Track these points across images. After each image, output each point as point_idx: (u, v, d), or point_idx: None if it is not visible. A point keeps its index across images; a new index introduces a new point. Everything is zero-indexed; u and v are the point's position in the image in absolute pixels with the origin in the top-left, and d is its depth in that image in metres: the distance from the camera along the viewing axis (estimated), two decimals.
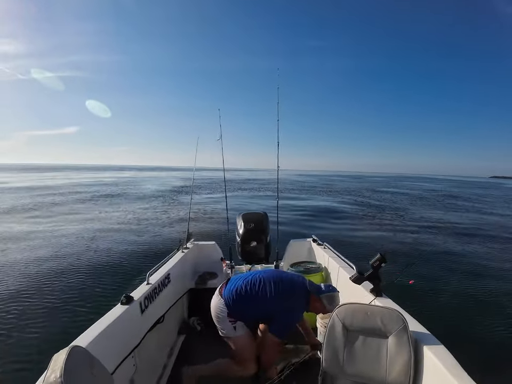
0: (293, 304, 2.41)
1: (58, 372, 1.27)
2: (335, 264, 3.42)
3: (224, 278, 3.97)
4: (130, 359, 2.26)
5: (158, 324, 2.78)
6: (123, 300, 2.34)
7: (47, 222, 12.75)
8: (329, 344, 1.93)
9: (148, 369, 2.63)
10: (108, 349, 1.92)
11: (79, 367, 1.41)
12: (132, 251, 8.77)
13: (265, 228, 4.29)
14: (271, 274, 2.52)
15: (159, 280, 2.93)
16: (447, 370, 1.46)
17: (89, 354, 1.57)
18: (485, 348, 3.99)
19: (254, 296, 2.38)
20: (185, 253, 3.91)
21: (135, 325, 2.38)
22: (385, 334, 1.81)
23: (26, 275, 6.98)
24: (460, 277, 6.77)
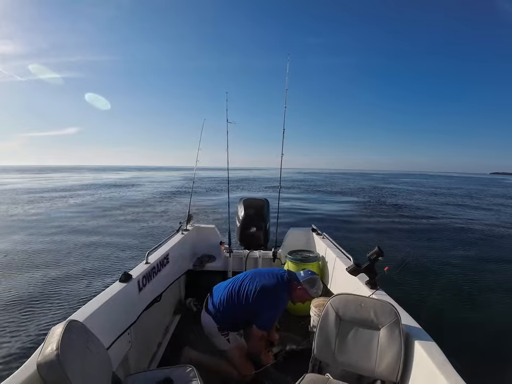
0: (275, 298, 2.43)
1: (55, 344, 1.29)
2: (332, 255, 3.43)
3: (223, 262, 4.01)
4: (126, 336, 2.30)
5: (155, 303, 2.82)
6: (122, 278, 2.36)
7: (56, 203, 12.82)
8: (322, 332, 1.95)
9: (143, 347, 2.68)
10: (105, 324, 1.95)
11: (75, 340, 1.44)
12: (133, 231, 8.85)
13: (266, 214, 4.30)
14: (250, 276, 2.55)
15: (158, 260, 2.95)
16: (436, 366, 1.47)
17: (86, 329, 1.60)
18: (475, 345, 4.04)
19: (238, 303, 2.41)
20: (185, 235, 3.93)
21: (132, 303, 2.41)
22: (377, 326, 1.83)
23: (28, 249, 7.08)
24: (456, 274, 6.80)
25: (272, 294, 2.43)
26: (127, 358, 2.36)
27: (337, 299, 2.00)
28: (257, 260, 4.03)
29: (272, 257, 4.09)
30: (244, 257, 4.00)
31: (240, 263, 4.01)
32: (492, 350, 3.99)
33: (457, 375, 1.41)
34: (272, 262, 4.11)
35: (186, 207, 7.11)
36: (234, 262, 4.00)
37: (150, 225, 10.47)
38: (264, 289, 2.42)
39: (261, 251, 4.11)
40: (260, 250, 4.11)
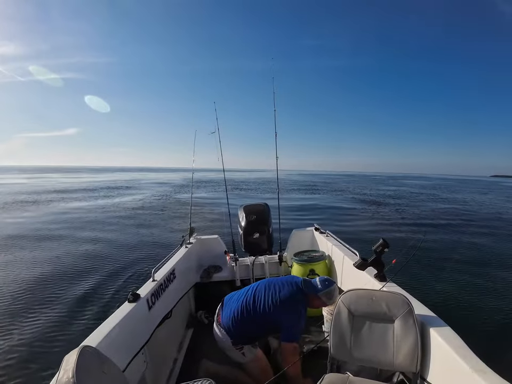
0: (294, 309, 2.34)
1: (71, 372, 1.28)
2: (338, 252, 3.43)
3: (230, 271, 4.00)
4: (141, 356, 2.28)
5: (166, 320, 2.80)
6: (130, 298, 2.35)
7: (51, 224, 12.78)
8: (336, 330, 1.95)
9: (159, 364, 2.67)
10: (118, 347, 1.94)
11: (90, 366, 1.43)
12: (136, 249, 8.81)
13: (267, 218, 4.30)
14: (263, 287, 2.46)
15: (165, 276, 2.95)
16: (454, 351, 1.47)
17: (100, 353, 1.59)
18: (491, 328, 4.02)
19: (252, 316, 2.32)
20: (188, 248, 3.93)
21: (144, 322, 2.40)
22: (391, 318, 1.82)
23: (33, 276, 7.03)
24: (465, 260, 6.81)
25: (291, 305, 2.34)
26: (144, 378, 2.34)
27: (348, 295, 2.00)
28: (264, 265, 4.02)
29: (278, 261, 4.08)
30: (250, 264, 3.99)
31: (247, 270, 4.00)
32: (508, 331, 3.98)
33: (476, 357, 1.41)
34: (279, 266, 4.10)
35: (188, 204, 7.07)
36: (241, 270, 3.99)
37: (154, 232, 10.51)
38: (282, 300, 2.33)
39: (267, 256, 4.09)
40: (265, 256, 4.09)
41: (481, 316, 4.34)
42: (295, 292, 2.40)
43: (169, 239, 9.72)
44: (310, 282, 2.49)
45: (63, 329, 4.59)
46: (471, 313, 4.38)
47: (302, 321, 2.38)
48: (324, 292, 2.40)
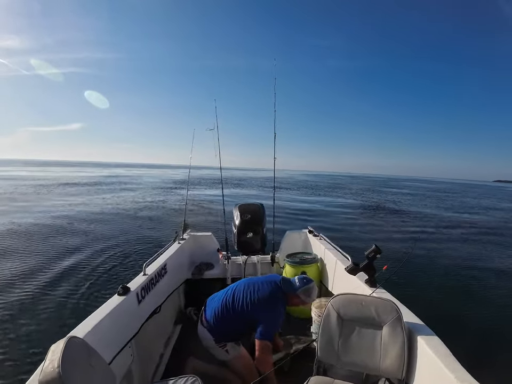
0: (272, 308, 2.38)
1: (56, 362, 1.27)
2: (330, 255, 3.44)
3: (221, 269, 4.00)
4: (128, 349, 2.27)
5: (154, 314, 2.79)
6: (120, 291, 2.34)
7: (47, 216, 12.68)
8: (324, 333, 1.95)
9: (146, 359, 2.66)
10: (105, 339, 1.93)
11: (76, 357, 1.42)
12: (129, 242, 8.77)
13: (262, 219, 4.30)
14: (243, 286, 2.50)
15: (156, 271, 2.94)
16: (440, 360, 1.48)
17: (87, 345, 1.58)
18: (477, 338, 4.06)
19: (232, 315, 2.37)
20: (181, 244, 3.91)
21: (132, 315, 2.39)
22: (379, 324, 1.83)
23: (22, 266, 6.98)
24: (455, 270, 6.86)
25: (268, 303, 2.38)
26: (130, 371, 2.33)
27: (337, 299, 2.01)
28: (256, 265, 4.02)
29: (270, 261, 4.08)
30: (242, 263, 3.98)
31: (239, 269, 4.00)
32: (493, 341, 4.02)
33: (461, 367, 1.42)
34: (271, 266, 4.10)
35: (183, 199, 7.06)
36: (232, 268, 3.99)
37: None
38: (260, 299, 2.38)
39: (259, 256, 4.10)
40: (258, 255, 4.10)
41: (469, 326, 4.38)
42: (274, 291, 2.43)
43: (163, 234, 9.69)
44: (288, 281, 2.54)
45: (51, 319, 4.56)
46: (459, 323, 4.41)
47: (279, 321, 2.43)
48: (302, 289, 2.44)
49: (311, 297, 2.49)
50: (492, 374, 3.14)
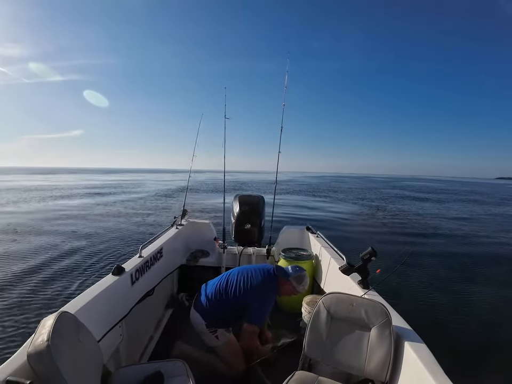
0: (264, 293, 2.44)
1: (46, 335, 1.29)
2: (326, 254, 3.44)
3: (216, 257, 4.01)
4: (118, 329, 2.29)
5: (147, 297, 2.82)
6: (114, 271, 2.36)
7: None
8: (313, 330, 1.97)
9: (134, 340, 2.68)
10: (96, 317, 1.95)
11: (66, 332, 1.43)
12: (126, 224, 8.81)
13: (261, 211, 4.30)
14: (237, 272, 2.56)
15: (151, 254, 2.95)
16: (425, 367, 1.49)
17: (77, 321, 1.59)
18: (464, 349, 4.08)
19: (225, 299, 2.41)
20: (179, 229, 3.93)
21: (125, 296, 2.41)
22: (368, 326, 1.84)
23: (21, 240, 7.03)
24: (448, 279, 6.87)
25: (260, 289, 2.43)
26: (118, 351, 2.36)
27: (329, 298, 2.01)
28: (251, 257, 4.04)
29: (266, 254, 4.09)
30: (237, 254, 4.00)
31: (234, 259, 4.02)
32: (480, 352, 4.05)
33: (445, 377, 1.43)
34: (265, 259, 4.12)
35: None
36: (228, 258, 4.00)
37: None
38: (252, 284, 2.43)
39: (255, 248, 4.11)
40: (254, 247, 4.11)
41: (457, 336, 4.40)
42: (266, 277, 2.49)
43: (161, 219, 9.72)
44: (281, 267, 2.63)
45: (45, 294, 4.60)
46: (448, 332, 4.44)
47: (269, 307, 2.50)
48: (294, 276, 2.52)
49: (302, 285, 2.55)
50: None
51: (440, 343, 2.28)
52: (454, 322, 4.81)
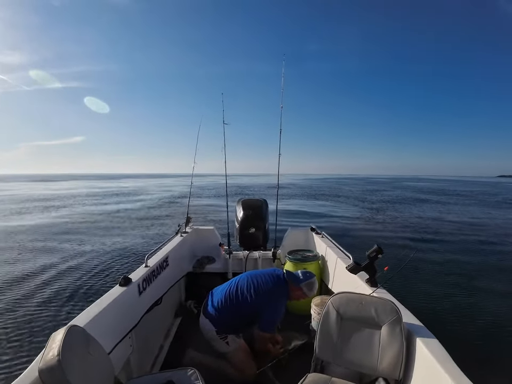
0: (275, 299, 2.44)
1: (56, 349, 1.29)
2: (332, 254, 3.43)
3: (223, 263, 4.01)
4: (127, 340, 2.29)
5: (155, 306, 2.81)
6: (121, 282, 2.36)
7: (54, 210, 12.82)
8: (323, 331, 1.95)
9: (145, 350, 2.68)
10: (106, 329, 1.95)
11: (76, 345, 1.43)
12: (131, 235, 8.82)
13: (265, 214, 4.29)
14: (246, 278, 2.55)
15: (158, 263, 2.95)
16: (438, 363, 1.47)
17: (87, 334, 1.59)
18: (477, 343, 4.05)
19: (235, 305, 2.40)
20: (184, 237, 3.93)
21: (133, 306, 2.40)
22: (378, 324, 1.83)
23: (28, 255, 7.06)
24: (457, 273, 6.82)
25: (271, 296, 2.43)
26: (129, 362, 2.36)
27: (337, 298, 2.00)
28: (257, 261, 4.03)
29: (272, 257, 4.08)
30: (243, 258, 3.99)
31: (240, 264, 4.01)
32: (493, 345, 4.01)
33: (459, 371, 1.41)
34: (272, 262, 4.10)
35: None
36: (234, 263, 4.00)
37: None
38: (263, 291, 2.42)
39: (261, 251, 4.10)
40: (259, 251, 4.10)
41: (469, 330, 4.36)
42: (277, 283, 2.49)
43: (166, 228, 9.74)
44: (292, 273, 2.61)
45: (53, 308, 4.61)
46: (459, 327, 4.40)
47: (280, 314, 2.50)
48: (305, 282, 2.52)
49: (312, 291, 2.56)
50: (490, 377, 3.15)
51: (452, 338, 2.26)
52: (465, 317, 4.77)
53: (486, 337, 4.20)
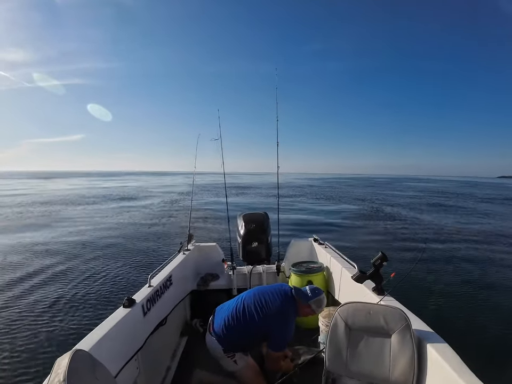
0: (285, 318, 2.40)
1: (62, 375, 1.26)
2: (336, 264, 3.41)
3: (227, 279, 3.97)
4: (134, 362, 2.25)
5: (160, 326, 2.78)
6: (125, 303, 2.33)
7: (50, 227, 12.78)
8: (332, 343, 1.92)
9: (151, 372, 2.63)
10: (111, 352, 1.92)
11: (82, 370, 1.41)
12: (133, 254, 8.77)
13: (266, 228, 4.29)
14: (253, 295, 2.50)
15: (161, 283, 2.93)
16: (451, 368, 1.45)
17: (92, 358, 1.57)
18: (489, 346, 3.98)
19: (243, 325, 2.36)
20: (186, 255, 3.91)
21: (138, 328, 2.37)
22: (388, 333, 1.80)
23: (28, 277, 7.00)
24: (464, 277, 6.77)
25: (280, 314, 2.39)
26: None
27: (345, 308, 1.98)
28: (261, 275, 3.99)
29: (276, 271, 4.05)
30: (247, 273, 3.96)
31: (244, 279, 3.98)
32: (506, 348, 3.94)
33: (473, 375, 1.39)
34: (276, 276, 4.07)
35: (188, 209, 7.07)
36: (238, 279, 3.96)
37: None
38: (271, 310, 2.38)
39: (264, 265, 4.07)
40: (263, 265, 4.07)
41: (480, 334, 4.30)
42: (285, 301, 2.45)
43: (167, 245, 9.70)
44: (300, 291, 2.55)
45: (57, 332, 4.55)
46: (470, 331, 4.33)
47: (291, 332, 2.44)
48: (314, 300, 2.47)
49: (321, 308, 2.53)
50: (505, 381, 3.08)
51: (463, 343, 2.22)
52: (476, 321, 4.71)
53: (499, 340, 4.13)
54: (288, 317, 2.42)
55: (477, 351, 3.41)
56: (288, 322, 2.41)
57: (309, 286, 2.61)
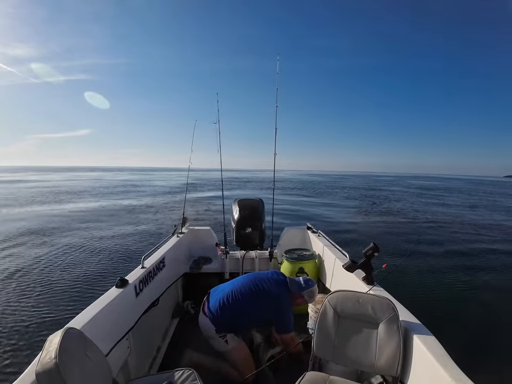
0: (280, 302, 2.48)
1: (53, 353, 1.28)
2: (328, 252, 3.44)
3: (219, 263, 4.00)
4: (125, 341, 2.28)
5: (152, 307, 2.80)
6: (118, 283, 2.35)
7: None
8: (321, 329, 1.96)
9: (142, 351, 2.67)
10: (103, 331, 1.94)
11: (73, 348, 1.42)
12: (127, 235, 8.78)
13: (261, 214, 4.30)
14: (250, 280, 2.55)
15: (154, 264, 2.94)
16: (435, 359, 1.48)
17: (84, 336, 1.59)
18: (474, 340, 4.08)
19: (238, 307, 2.41)
20: (180, 238, 3.92)
21: (130, 308, 2.40)
22: (375, 322, 1.84)
23: (22, 257, 7.00)
24: (453, 271, 6.88)
25: (277, 300, 2.47)
26: (126, 364, 2.35)
27: (334, 296, 2.01)
28: (254, 260, 4.03)
29: (268, 257, 4.09)
30: (240, 258, 3.99)
31: (237, 264, 4.01)
32: (490, 342, 4.04)
33: (457, 367, 1.42)
34: (268, 262, 4.11)
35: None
36: (230, 263, 4.00)
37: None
38: (268, 295, 2.45)
39: (257, 251, 4.10)
40: (256, 251, 4.10)
41: (465, 327, 4.40)
42: (281, 289, 2.53)
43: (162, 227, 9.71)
44: (294, 281, 2.64)
45: (49, 310, 4.58)
46: (456, 324, 4.43)
47: (291, 314, 2.56)
48: (307, 290, 2.57)
49: (312, 298, 2.64)
50: (487, 374, 3.18)
51: (449, 335, 2.28)
52: (462, 314, 4.81)
53: (483, 334, 4.24)
54: (285, 301, 2.51)
55: (461, 344, 3.49)
56: (286, 309, 2.51)
57: (303, 277, 2.70)
